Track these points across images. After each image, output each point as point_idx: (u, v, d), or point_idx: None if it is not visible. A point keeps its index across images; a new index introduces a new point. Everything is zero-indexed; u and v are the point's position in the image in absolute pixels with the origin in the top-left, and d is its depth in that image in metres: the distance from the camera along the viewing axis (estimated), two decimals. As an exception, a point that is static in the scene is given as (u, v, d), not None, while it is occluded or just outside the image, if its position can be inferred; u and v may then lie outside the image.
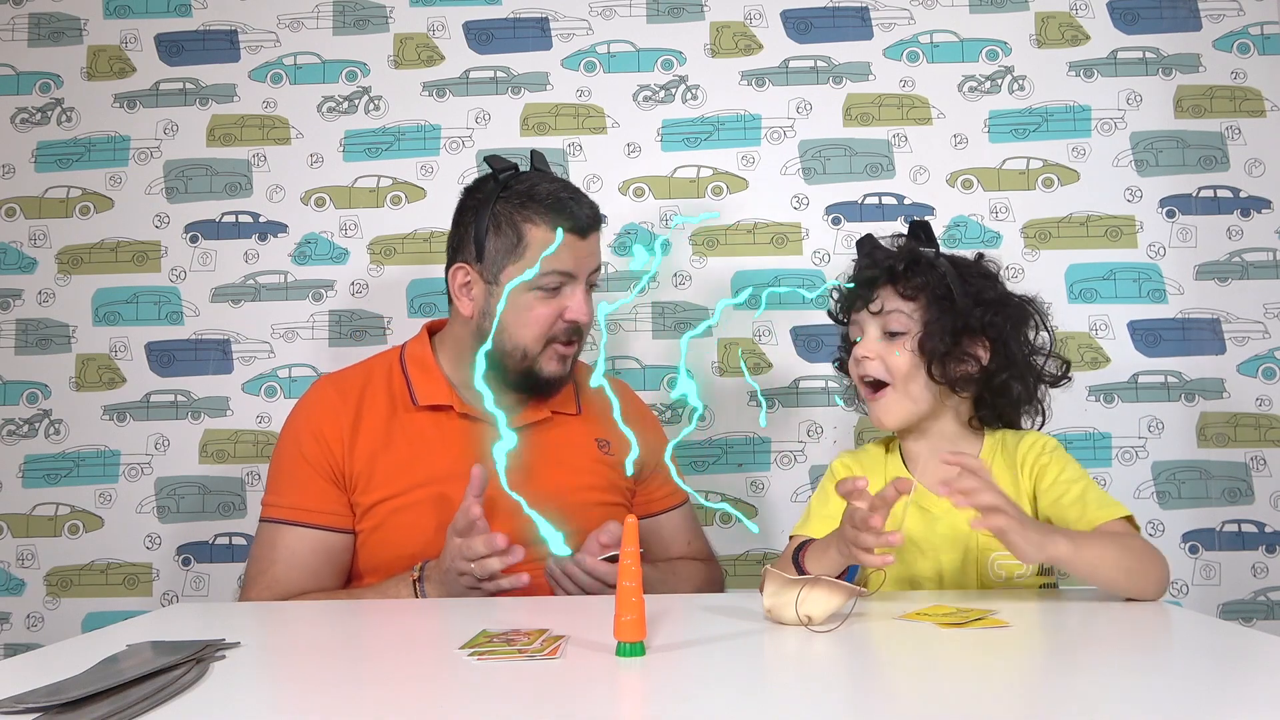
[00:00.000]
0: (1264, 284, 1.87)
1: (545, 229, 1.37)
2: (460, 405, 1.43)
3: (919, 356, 1.23)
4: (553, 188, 1.41)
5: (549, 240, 1.33)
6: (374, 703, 0.73)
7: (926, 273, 1.25)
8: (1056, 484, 1.20)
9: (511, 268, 1.38)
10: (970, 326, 1.24)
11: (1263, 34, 1.91)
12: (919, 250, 1.29)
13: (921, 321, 1.24)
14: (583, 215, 1.39)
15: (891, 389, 1.25)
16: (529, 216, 1.38)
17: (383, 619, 1.09)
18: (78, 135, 1.97)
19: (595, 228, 1.42)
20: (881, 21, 1.95)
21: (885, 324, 1.25)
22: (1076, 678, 0.78)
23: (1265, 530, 1.83)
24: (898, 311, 1.25)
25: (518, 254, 1.39)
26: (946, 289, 1.24)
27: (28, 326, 1.94)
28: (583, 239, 1.39)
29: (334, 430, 1.40)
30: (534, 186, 1.40)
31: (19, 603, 1.90)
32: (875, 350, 1.25)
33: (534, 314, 1.38)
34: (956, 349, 1.24)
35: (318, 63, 1.98)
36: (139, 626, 1.02)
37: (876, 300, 1.26)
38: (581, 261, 1.39)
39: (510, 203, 1.39)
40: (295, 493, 1.39)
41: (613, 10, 1.97)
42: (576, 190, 1.43)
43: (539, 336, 1.39)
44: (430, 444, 1.40)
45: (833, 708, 0.72)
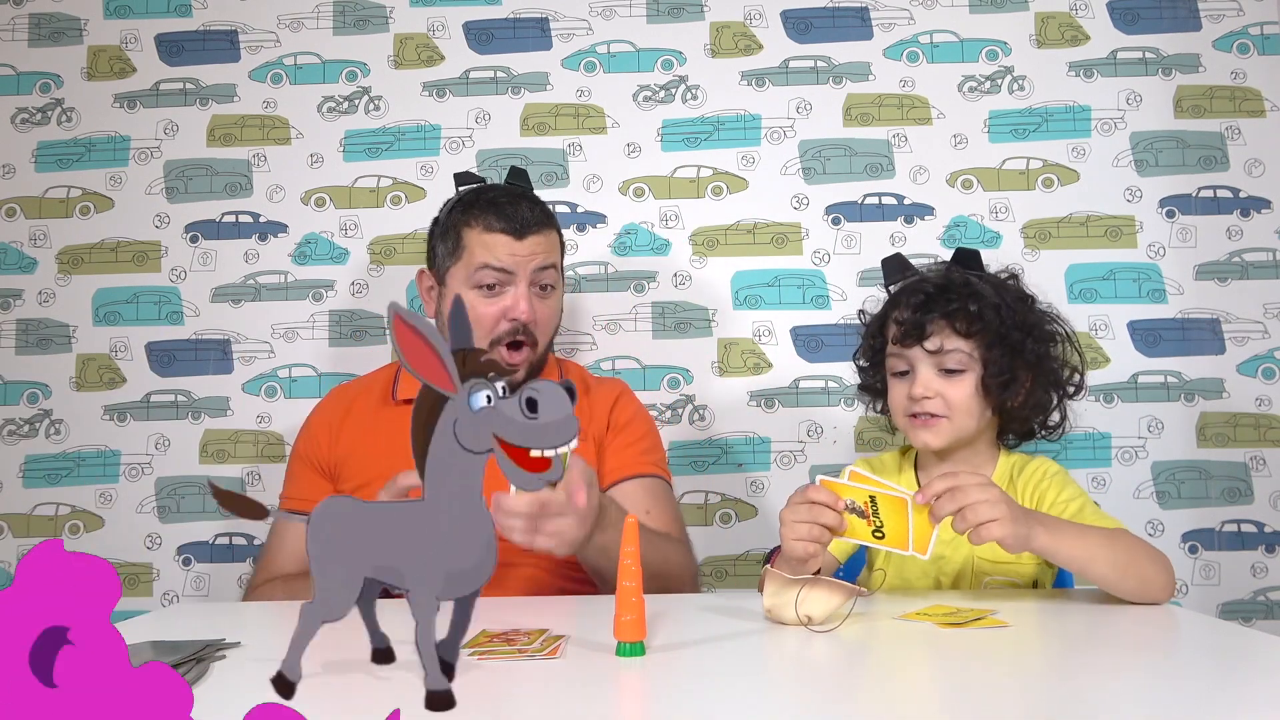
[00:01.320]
0: (1264, 284, 1.87)
1: (479, 230, 1.44)
2: None
3: (981, 393, 1.22)
4: (495, 194, 1.48)
5: (482, 240, 1.44)
6: (374, 702, 0.73)
7: (985, 310, 1.22)
8: (1054, 505, 1.20)
9: (454, 268, 1.47)
10: (1025, 359, 1.24)
11: (1262, 34, 1.91)
12: (973, 286, 1.25)
13: (981, 359, 1.22)
14: (519, 216, 1.44)
15: (948, 420, 1.23)
16: (468, 220, 1.46)
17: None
18: (78, 135, 1.97)
19: (534, 229, 1.45)
20: (881, 22, 1.95)
21: (942, 362, 1.23)
22: (1076, 678, 0.78)
23: (1265, 530, 1.83)
24: (957, 351, 1.22)
25: (457, 255, 1.46)
26: (1002, 324, 1.22)
27: (28, 326, 1.95)
28: (518, 239, 1.44)
29: (324, 426, 1.52)
30: (480, 194, 1.48)
31: (19, 603, 1.90)
32: (935, 389, 1.22)
33: (476, 313, 1.42)
34: (1014, 385, 1.23)
35: (318, 63, 1.98)
36: (139, 626, 1.02)
37: (933, 338, 1.22)
38: (519, 261, 1.44)
39: (456, 210, 1.48)
40: (291, 486, 1.52)
41: (613, 10, 1.97)
42: (522, 196, 1.48)
43: (482, 336, 1.43)
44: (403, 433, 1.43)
45: (832, 708, 0.72)
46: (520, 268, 1.44)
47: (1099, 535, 1.08)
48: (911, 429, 1.26)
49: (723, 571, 1.86)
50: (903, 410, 1.26)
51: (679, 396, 1.90)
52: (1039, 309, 1.29)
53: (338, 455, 1.49)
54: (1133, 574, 1.05)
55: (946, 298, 1.23)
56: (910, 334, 1.23)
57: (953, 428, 1.23)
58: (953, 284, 1.25)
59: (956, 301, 1.22)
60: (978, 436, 1.28)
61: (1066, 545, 1.05)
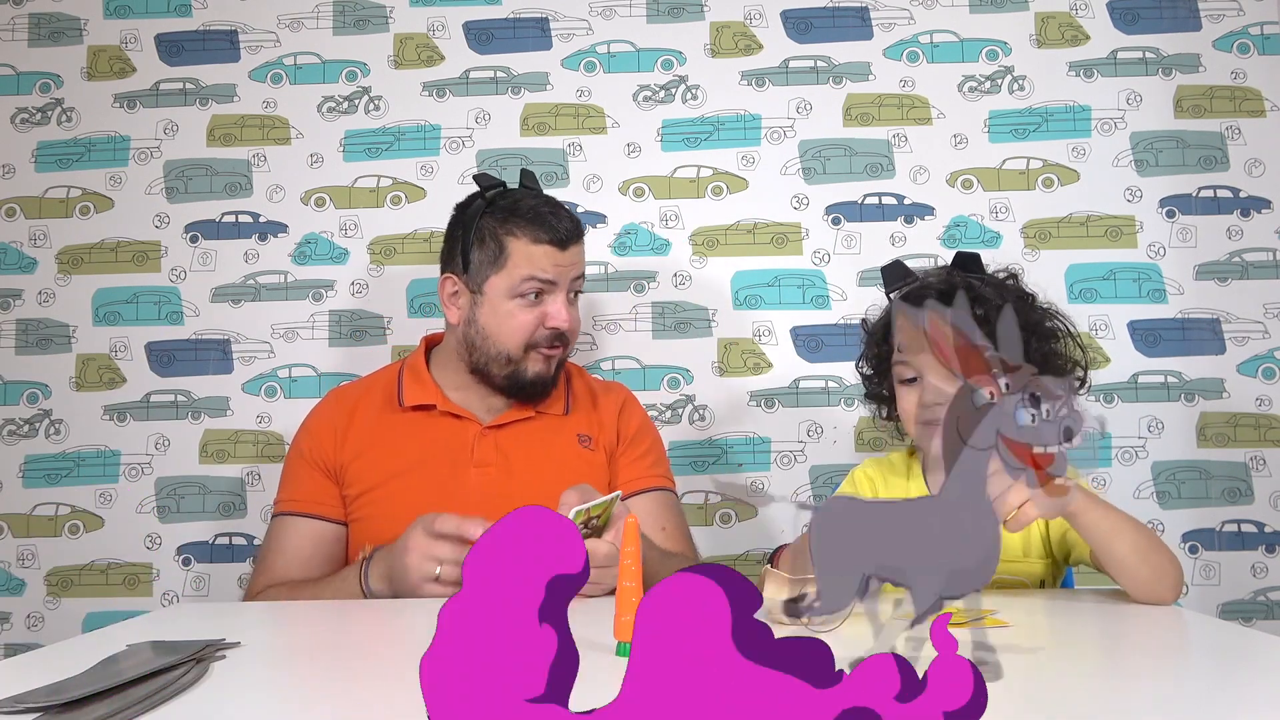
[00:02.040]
0: (1264, 284, 1.87)
1: (526, 241, 1.45)
2: (444, 404, 1.51)
3: None
4: (535, 203, 1.48)
5: (529, 252, 1.44)
6: (374, 702, 0.73)
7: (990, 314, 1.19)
8: None
9: (495, 278, 1.46)
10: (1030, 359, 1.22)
11: (1262, 34, 1.91)
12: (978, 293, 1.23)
13: None
14: (562, 227, 1.46)
15: None
16: (510, 230, 1.45)
17: (382, 618, 1.09)
18: (78, 135, 1.97)
19: (575, 240, 1.48)
20: (881, 21, 1.95)
21: None
22: (1076, 678, 0.78)
23: (1265, 530, 1.83)
24: None
25: (499, 264, 1.46)
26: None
27: (28, 326, 1.95)
28: (562, 250, 1.46)
29: (328, 428, 1.51)
30: (518, 202, 1.48)
31: (19, 603, 1.90)
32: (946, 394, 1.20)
33: (516, 321, 1.45)
34: None
35: (318, 63, 1.98)
36: (139, 626, 1.02)
37: None
38: (562, 270, 1.46)
39: (494, 217, 1.47)
40: (292, 487, 1.50)
41: (613, 10, 1.97)
42: (558, 205, 1.50)
43: (520, 343, 1.46)
44: (411, 438, 1.48)
45: (833, 708, 0.72)
46: (563, 277, 1.47)
47: (1127, 516, 1.08)
48: (925, 435, 1.25)
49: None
50: (915, 418, 1.26)
51: (679, 396, 1.90)
52: (1040, 307, 1.29)
53: (343, 459, 1.48)
54: (1152, 561, 1.05)
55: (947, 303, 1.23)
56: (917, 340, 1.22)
57: None
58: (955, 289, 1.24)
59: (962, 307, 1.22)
60: None
61: (1097, 513, 1.05)
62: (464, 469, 1.46)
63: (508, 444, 1.49)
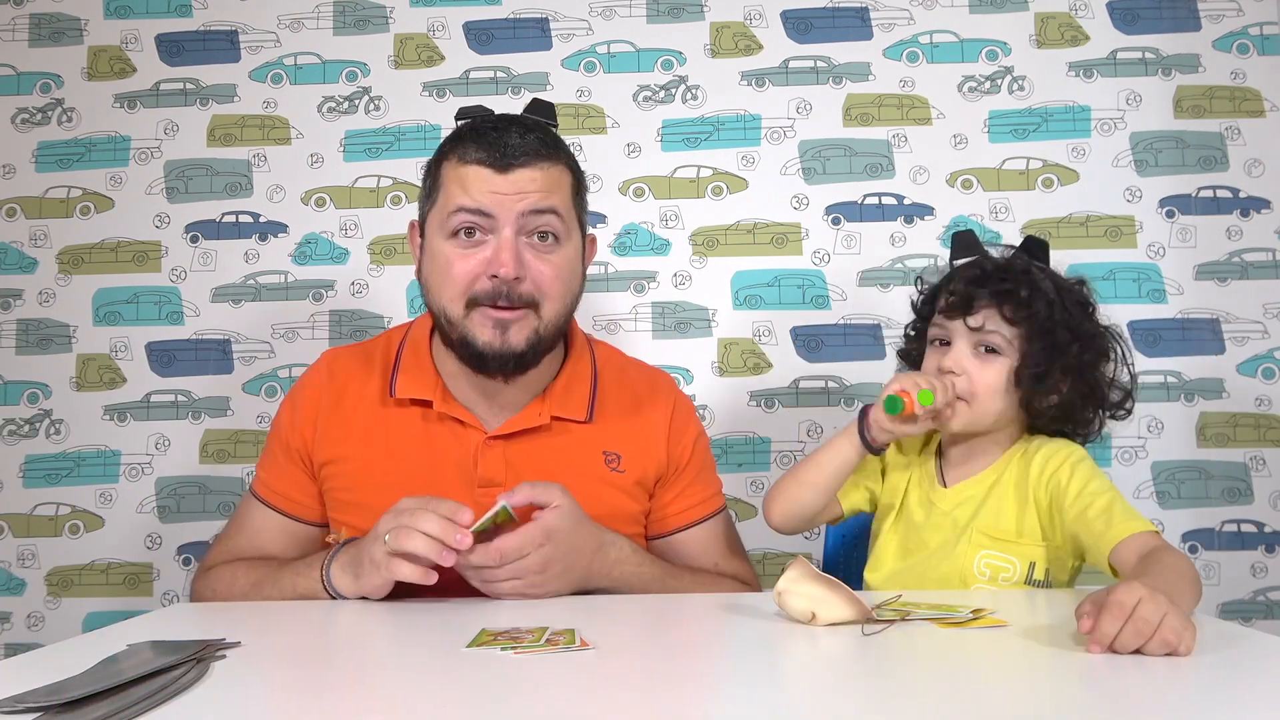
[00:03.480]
0: (1263, 284, 1.87)
1: (456, 161, 1.17)
2: (442, 403, 1.24)
3: (1011, 384, 1.20)
4: (488, 121, 1.20)
5: (458, 174, 1.16)
6: (375, 702, 0.73)
7: (1035, 300, 1.20)
8: (1083, 495, 1.16)
9: (431, 214, 1.20)
10: (1066, 363, 1.20)
11: (1262, 34, 1.91)
12: (1030, 274, 1.22)
13: (1020, 350, 1.19)
14: (503, 143, 1.15)
15: (966, 405, 1.20)
16: (446, 151, 1.19)
17: (382, 618, 1.09)
18: (78, 135, 1.97)
19: (524, 161, 1.16)
20: (881, 22, 1.96)
21: (980, 340, 1.20)
22: (1075, 677, 0.78)
23: (1264, 530, 1.83)
24: (998, 334, 1.19)
25: (434, 198, 1.20)
26: (1050, 319, 1.19)
27: (28, 326, 1.95)
28: (500, 172, 1.15)
29: (309, 416, 1.28)
30: (473, 121, 1.21)
31: (20, 602, 1.90)
32: (965, 367, 1.20)
33: (453, 269, 1.16)
34: (1047, 381, 1.20)
35: (318, 63, 1.98)
36: (139, 626, 1.02)
37: (977, 315, 1.19)
38: (502, 200, 1.15)
39: (443, 142, 1.22)
40: (270, 473, 1.31)
41: (613, 10, 1.97)
42: (521, 122, 1.20)
43: (457, 295, 1.17)
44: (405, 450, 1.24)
45: (831, 707, 0.72)
46: (503, 209, 1.15)
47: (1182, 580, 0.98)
48: None
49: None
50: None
51: (679, 396, 1.90)
52: (1097, 321, 1.25)
53: (324, 455, 1.26)
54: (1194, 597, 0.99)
55: (1001, 278, 1.21)
56: (957, 306, 1.21)
57: (971, 412, 1.20)
58: (1012, 268, 1.23)
59: (1009, 284, 1.20)
60: (999, 428, 1.25)
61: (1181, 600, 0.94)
62: (465, 488, 1.21)
63: (519, 459, 1.23)
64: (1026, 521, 1.22)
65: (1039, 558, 1.21)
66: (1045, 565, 1.22)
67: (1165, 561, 1.01)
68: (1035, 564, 1.21)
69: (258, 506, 1.31)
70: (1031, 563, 1.21)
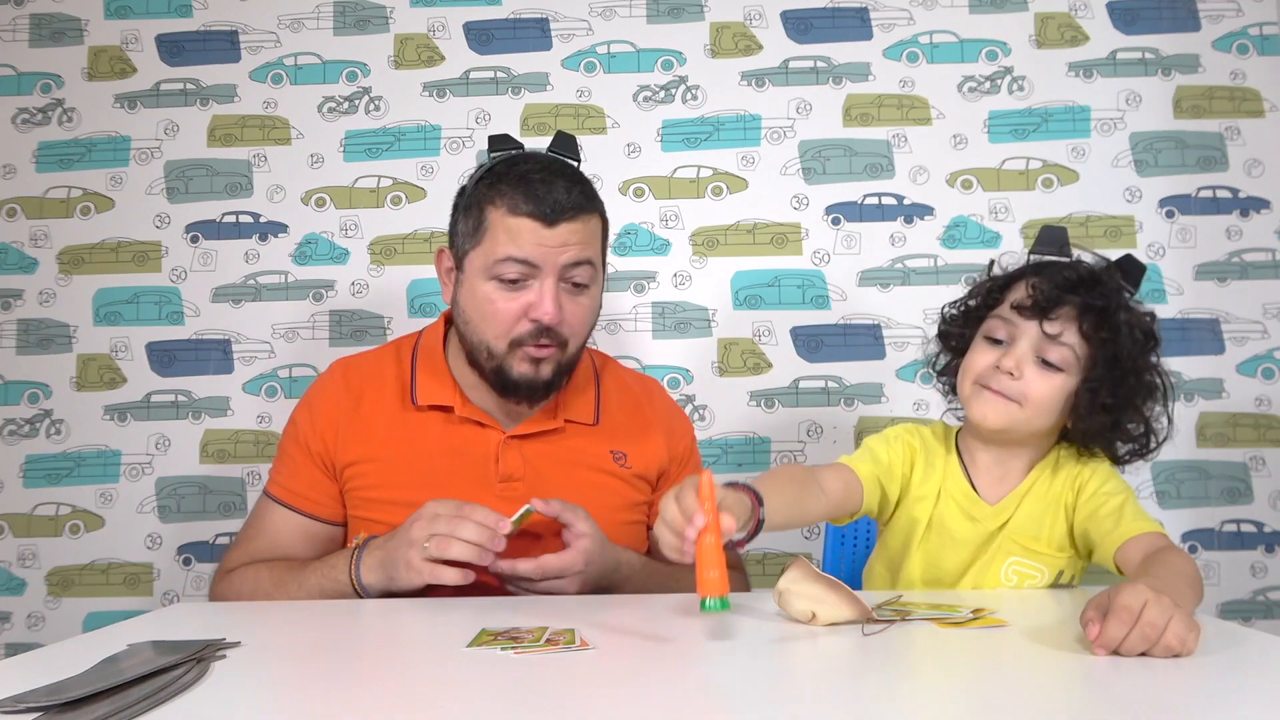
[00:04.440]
0: (1263, 284, 1.87)
1: (504, 211, 1.22)
2: (462, 407, 1.31)
3: (1067, 401, 1.15)
4: (530, 167, 1.25)
5: (508, 225, 1.22)
6: (375, 702, 0.74)
7: (1120, 324, 1.14)
8: (1097, 495, 1.16)
9: (473, 253, 1.25)
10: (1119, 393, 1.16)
11: (1261, 34, 1.91)
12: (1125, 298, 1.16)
13: (1083, 369, 1.14)
14: (551, 199, 1.21)
15: (1019, 407, 1.15)
16: (493, 197, 1.24)
17: (382, 618, 1.09)
18: (79, 135, 1.97)
19: (569, 216, 1.22)
20: (881, 22, 1.96)
21: (1046, 349, 1.14)
22: (1074, 677, 0.78)
23: (1264, 530, 1.83)
24: (1069, 348, 1.13)
25: (478, 237, 1.24)
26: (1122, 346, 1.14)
27: (29, 326, 1.95)
28: (548, 226, 1.21)
29: (330, 420, 1.33)
30: (515, 165, 1.26)
31: (20, 602, 1.90)
32: (1025, 373, 1.14)
33: (495, 309, 1.24)
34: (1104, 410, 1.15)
35: (318, 63, 1.98)
36: (140, 626, 1.02)
37: (1055, 321, 1.13)
38: (547, 253, 1.21)
39: (484, 181, 1.26)
40: (287, 474, 1.35)
41: (613, 11, 1.97)
42: (562, 171, 1.26)
43: (501, 335, 1.25)
44: (426, 445, 1.31)
45: (831, 707, 0.72)
46: (547, 261, 1.22)
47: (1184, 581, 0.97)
48: (977, 397, 1.17)
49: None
50: (979, 375, 1.17)
51: (679, 397, 1.90)
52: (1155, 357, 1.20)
53: (347, 457, 1.31)
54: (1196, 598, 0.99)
55: (1092, 289, 1.15)
56: (1038, 305, 1.14)
57: (1023, 415, 1.15)
58: (1104, 283, 1.17)
59: (1100, 300, 1.14)
60: (1033, 441, 1.21)
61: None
62: (488, 484, 1.28)
63: (536, 457, 1.31)
64: (1057, 530, 1.20)
65: (1066, 566, 1.20)
66: (1072, 573, 1.21)
67: (1169, 562, 1.01)
68: (1063, 572, 1.20)
69: (276, 509, 1.34)
70: (1060, 571, 1.20)
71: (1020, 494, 1.21)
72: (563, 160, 1.30)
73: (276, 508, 1.34)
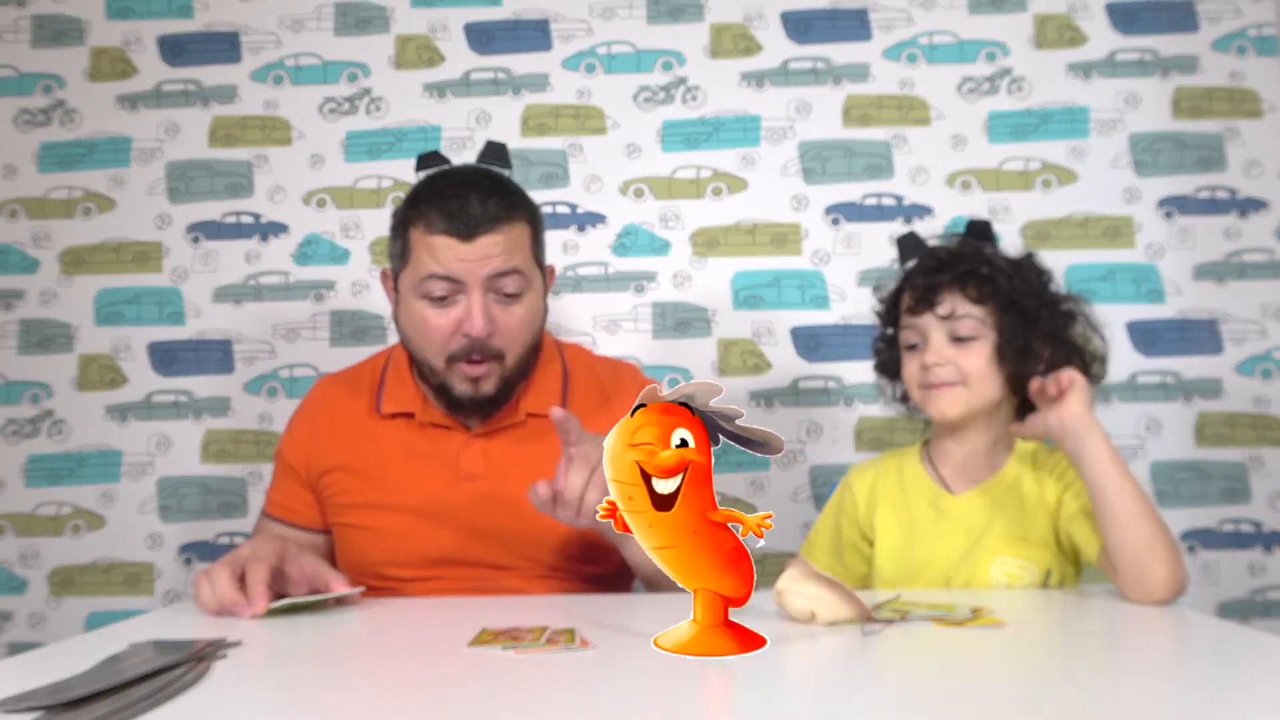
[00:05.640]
0: (1262, 284, 1.88)
1: (421, 230, 1.25)
2: (423, 412, 1.35)
3: (996, 360, 1.22)
4: (447, 183, 1.27)
5: (428, 243, 1.24)
6: (375, 702, 0.74)
7: (994, 276, 1.22)
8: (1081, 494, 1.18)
9: (404, 274, 1.28)
10: (1040, 327, 1.23)
11: (1260, 35, 1.91)
12: (984, 252, 1.25)
13: (995, 326, 1.22)
14: (466, 214, 1.22)
15: (963, 387, 1.22)
16: (413, 217, 1.26)
17: (382, 618, 1.09)
18: (80, 136, 1.98)
19: (486, 228, 1.23)
20: (880, 23, 1.96)
21: (954, 329, 1.22)
22: (1074, 677, 0.78)
23: (1263, 530, 1.84)
24: (969, 317, 1.22)
25: (405, 259, 1.28)
26: (1015, 291, 1.22)
27: (30, 327, 1.95)
28: (465, 242, 1.23)
29: (305, 433, 1.41)
30: (433, 183, 1.28)
31: (21, 602, 1.91)
32: (947, 356, 1.22)
33: (428, 327, 1.26)
34: (1030, 352, 1.22)
35: (319, 64, 1.99)
36: (141, 626, 1.03)
37: (944, 304, 1.22)
38: (468, 267, 1.23)
39: (407, 202, 1.29)
40: (274, 488, 1.43)
41: (613, 11, 1.98)
42: (477, 184, 1.27)
43: (437, 352, 1.27)
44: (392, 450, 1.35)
45: (831, 707, 0.72)
46: (470, 275, 1.23)
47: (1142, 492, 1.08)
48: (926, 400, 1.25)
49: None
50: (917, 381, 1.25)
51: (679, 396, 1.90)
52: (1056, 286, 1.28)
53: (320, 466, 1.37)
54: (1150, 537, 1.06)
55: (957, 263, 1.23)
56: (923, 300, 1.23)
57: (969, 394, 1.22)
58: (964, 252, 1.25)
59: (967, 265, 1.22)
60: (995, 413, 1.26)
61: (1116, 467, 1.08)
62: (451, 484, 1.32)
63: (498, 453, 1.34)
64: (1039, 527, 1.22)
65: (1054, 563, 1.21)
66: (1060, 570, 1.22)
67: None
68: (1051, 570, 1.21)
69: (266, 522, 1.43)
70: (1048, 569, 1.21)
71: (992, 489, 1.25)
72: (483, 171, 1.31)
73: (266, 521, 1.43)
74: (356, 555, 1.37)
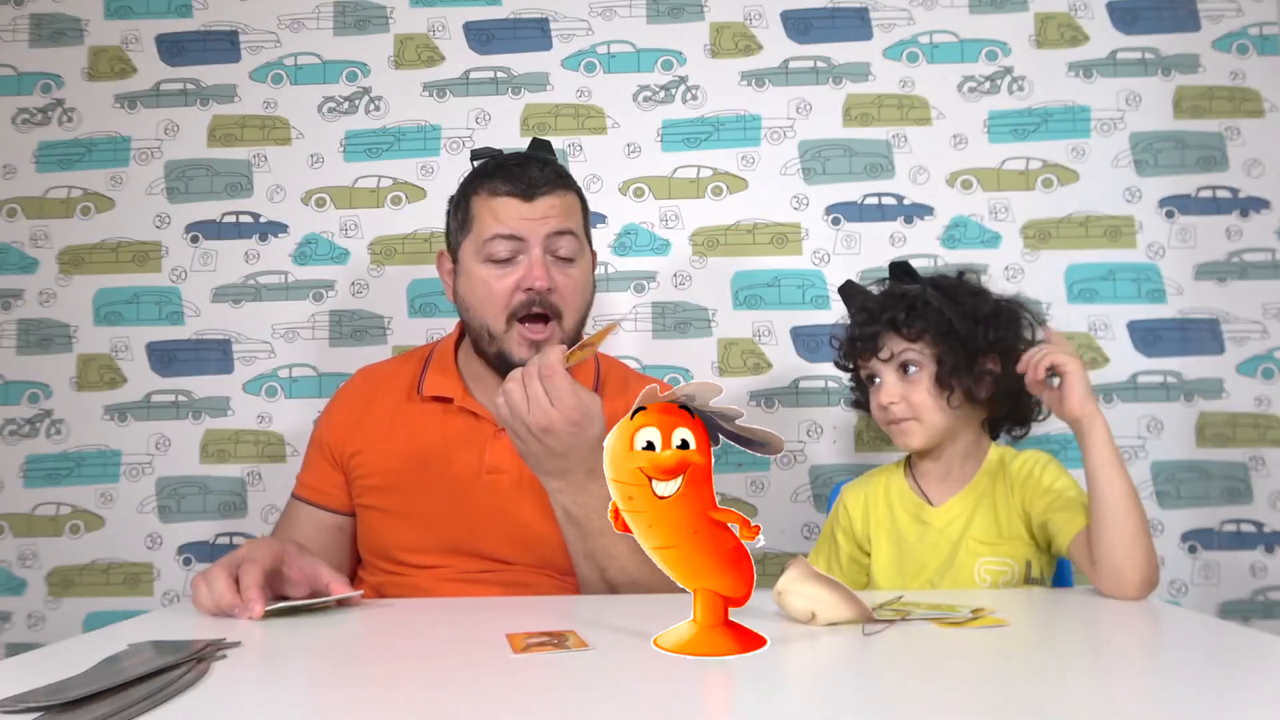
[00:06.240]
0: (1263, 284, 1.87)
1: (485, 195, 1.34)
2: (462, 399, 1.40)
3: (938, 389, 1.30)
4: (507, 158, 1.37)
5: (490, 205, 1.32)
6: (373, 702, 0.74)
7: (924, 312, 1.31)
8: (1050, 490, 1.24)
9: (466, 243, 1.36)
10: (979, 346, 1.30)
11: (1261, 35, 1.91)
12: (909, 294, 1.33)
13: (933, 357, 1.30)
14: (525, 176, 1.32)
15: (916, 421, 1.31)
16: (475, 187, 1.36)
17: (381, 619, 1.09)
18: (79, 135, 1.97)
19: (546, 190, 1.33)
20: (881, 22, 1.96)
21: (901, 363, 1.32)
22: (1075, 677, 0.78)
23: (1264, 530, 1.84)
24: (907, 351, 1.32)
25: (467, 227, 1.36)
26: (947, 320, 1.29)
27: (29, 326, 1.95)
28: (527, 201, 1.32)
29: (343, 416, 1.46)
30: (493, 158, 1.39)
31: (20, 602, 1.90)
32: (898, 394, 1.32)
33: (489, 288, 1.32)
34: (971, 371, 1.30)
35: (318, 63, 1.98)
36: (140, 626, 1.02)
37: (884, 349, 1.32)
38: (530, 225, 1.31)
39: (468, 180, 1.39)
40: (305, 470, 1.48)
41: (613, 11, 1.97)
42: (539, 156, 1.38)
43: (498, 313, 1.32)
44: (424, 432, 1.39)
45: (831, 707, 0.72)
46: (532, 233, 1.31)
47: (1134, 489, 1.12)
48: (891, 434, 1.35)
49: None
50: (879, 418, 1.36)
51: (679, 396, 1.90)
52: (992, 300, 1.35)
53: (353, 447, 1.42)
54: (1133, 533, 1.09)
55: (884, 309, 1.33)
56: (864, 349, 1.34)
57: (923, 427, 1.31)
58: (891, 295, 1.35)
59: (893, 310, 1.32)
60: (959, 432, 1.34)
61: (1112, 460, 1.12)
62: (475, 476, 1.36)
63: None
64: (1014, 524, 1.28)
65: (1033, 556, 1.27)
66: (1039, 563, 1.27)
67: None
68: (1031, 562, 1.26)
69: (295, 504, 1.47)
70: (1028, 561, 1.26)
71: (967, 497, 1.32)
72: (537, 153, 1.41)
73: (295, 503, 1.46)
74: (374, 537, 1.41)
